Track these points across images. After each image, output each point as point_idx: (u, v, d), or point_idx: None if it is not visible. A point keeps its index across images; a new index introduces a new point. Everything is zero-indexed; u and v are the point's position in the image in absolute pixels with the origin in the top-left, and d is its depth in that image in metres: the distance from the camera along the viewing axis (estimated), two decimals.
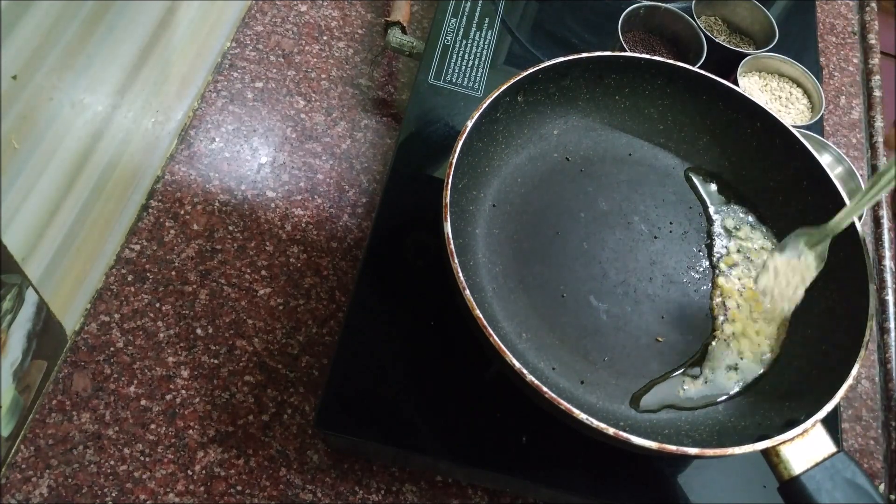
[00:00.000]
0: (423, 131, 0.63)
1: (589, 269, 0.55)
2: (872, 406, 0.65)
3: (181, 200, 0.64)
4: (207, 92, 0.70)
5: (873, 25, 0.92)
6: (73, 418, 0.53)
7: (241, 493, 0.52)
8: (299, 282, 0.61)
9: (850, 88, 0.86)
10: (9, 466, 0.51)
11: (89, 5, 0.47)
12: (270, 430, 0.55)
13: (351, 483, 0.54)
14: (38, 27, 0.42)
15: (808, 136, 0.65)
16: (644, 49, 0.72)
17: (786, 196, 0.59)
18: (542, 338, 0.52)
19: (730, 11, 0.78)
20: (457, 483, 0.55)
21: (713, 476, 0.52)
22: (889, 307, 0.70)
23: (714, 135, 0.61)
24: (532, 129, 0.59)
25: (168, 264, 0.60)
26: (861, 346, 0.48)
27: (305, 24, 0.77)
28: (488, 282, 0.53)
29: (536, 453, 0.51)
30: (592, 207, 0.58)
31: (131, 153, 0.59)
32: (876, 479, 0.62)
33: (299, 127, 0.70)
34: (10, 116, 0.42)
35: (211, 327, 0.58)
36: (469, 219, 0.54)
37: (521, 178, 0.58)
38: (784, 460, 0.44)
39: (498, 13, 0.72)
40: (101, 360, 0.56)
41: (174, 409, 0.55)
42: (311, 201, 0.66)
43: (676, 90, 0.60)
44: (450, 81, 0.66)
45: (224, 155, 0.67)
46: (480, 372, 0.52)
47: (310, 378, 0.57)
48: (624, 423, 0.49)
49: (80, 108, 0.49)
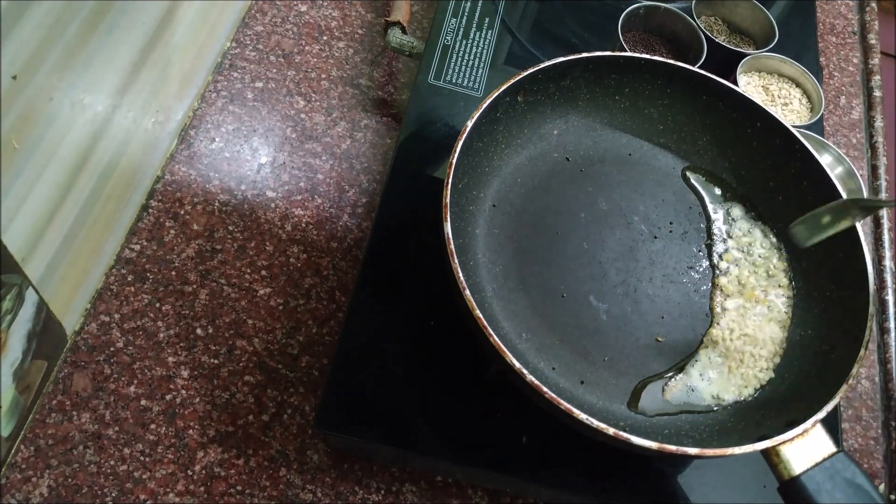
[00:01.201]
0: (423, 131, 0.63)
1: (589, 269, 0.55)
2: (872, 406, 0.65)
3: (181, 200, 0.64)
4: (207, 92, 0.70)
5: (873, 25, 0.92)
6: (73, 418, 0.53)
7: (241, 493, 0.52)
8: (299, 282, 0.61)
9: (850, 88, 0.86)
10: (9, 466, 0.51)
11: (89, 5, 0.47)
12: (270, 430, 0.55)
13: (351, 483, 0.54)
14: (38, 27, 0.42)
15: (808, 136, 0.65)
16: (644, 49, 0.72)
17: (786, 196, 0.58)
18: (542, 338, 0.52)
19: (730, 11, 0.78)
20: (457, 483, 0.55)
21: (713, 476, 0.52)
22: (889, 307, 0.70)
23: (714, 135, 0.61)
24: (532, 129, 0.59)
25: (168, 264, 0.60)
26: (861, 346, 0.48)
27: (305, 24, 0.77)
28: (488, 282, 0.53)
29: (536, 453, 0.51)
30: (592, 207, 0.58)
31: (131, 153, 0.59)
32: (876, 479, 0.62)
33: (299, 127, 0.70)
34: (10, 116, 0.42)
35: (211, 327, 0.58)
36: (469, 219, 0.54)
37: (521, 178, 0.58)
38: (784, 460, 0.44)
39: (498, 13, 0.72)
40: (101, 360, 0.56)
41: (174, 409, 0.55)
42: (311, 201, 0.66)
43: (676, 90, 0.60)
44: (450, 81, 0.66)
45: (224, 155, 0.67)
46: (480, 372, 0.52)
47: (310, 378, 0.57)
48: (624, 423, 0.49)
49: (80, 108, 0.49)
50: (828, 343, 0.52)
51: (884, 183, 0.79)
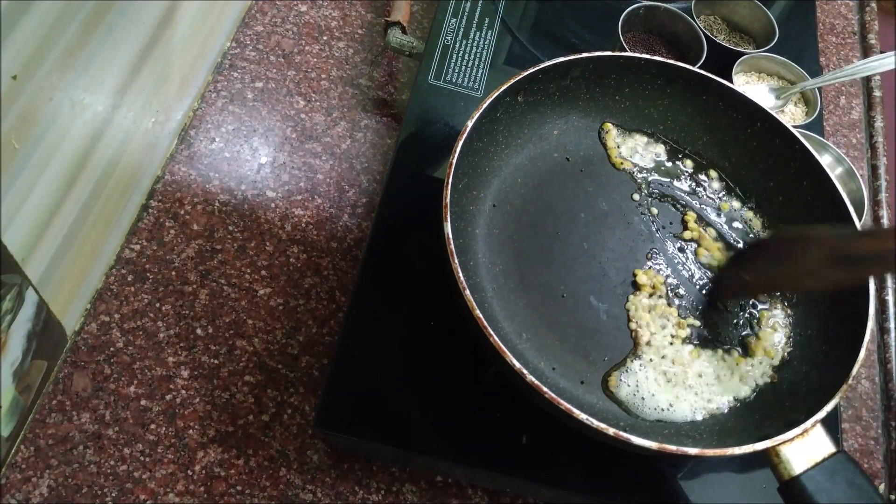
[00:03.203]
0: (423, 131, 0.63)
1: (589, 269, 0.55)
2: (872, 406, 0.65)
3: (181, 200, 0.64)
4: (207, 92, 0.70)
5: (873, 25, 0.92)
6: (73, 418, 0.53)
7: (241, 493, 0.52)
8: (299, 282, 0.61)
9: (850, 88, 0.86)
10: (9, 466, 0.51)
11: (89, 5, 0.47)
12: (270, 430, 0.55)
13: (351, 483, 0.54)
14: (38, 27, 0.42)
15: (808, 136, 0.65)
16: (644, 49, 0.72)
17: (786, 196, 0.59)
18: (542, 338, 0.52)
19: (730, 11, 0.78)
20: (457, 483, 0.55)
21: (713, 476, 0.52)
22: (889, 307, 0.70)
23: (714, 135, 0.61)
24: (532, 129, 0.59)
25: (168, 264, 0.60)
26: (861, 346, 0.48)
27: (305, 24, 0.77)
28: (488, 282, 0.53)
29: (536, 453, 0.51)
30: (592, 207, 0.58)
31: (131, 153, 0.59)
32: (876, 479, 0.62)
33: (299, 127, 0.70)
34: (10, 116, 0.42)
35: (211, 327, 0.58)
36: (469, 219, 0.54)
37: (521, 178, 0.58)
38: (784, 460, 0.44)
39: (498, 13, 0.72)
40: (101, 360, 0.56)
41: (174, 409, 0.55)
42: (311, 201, 0.66)
43: (676, 90, 0.60)
44: (450, 81, 0.66)
45: (224, 155, 0.67)
46: (480, 372, 0.52)
47: (310, 378, 0.57)
48: (624, 423, 0.49)
49: (80, 108, 0.49)
50: (828, 343, 0.52)
51: (884, 183, 0.79)
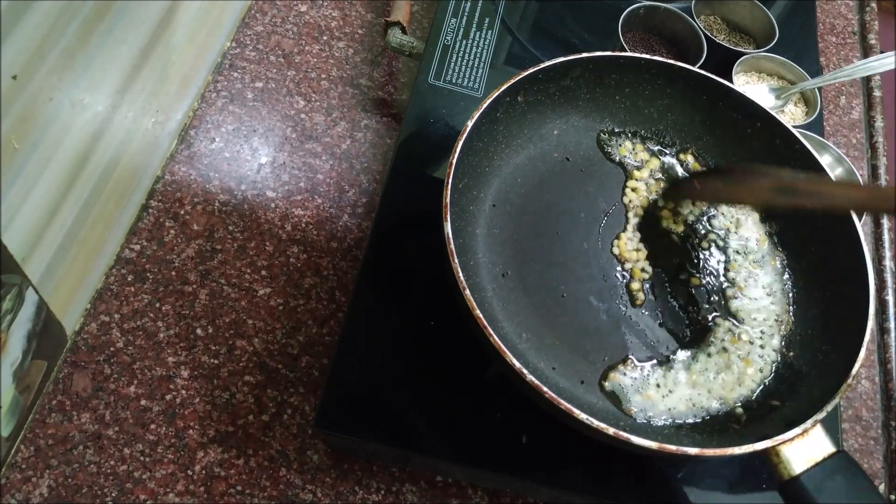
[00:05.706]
0: (423, 131, 0.63)
1: (589, 269, 0.55)
2: (872, 406, 0.65)
3: (181, 200, 0.64)
4: (207, 92, 0.70)
5: (873, 25, 0.92)
6: (73, 418, 0.53)
7: (241, 493, 0.52)
8: (299, 282, 0.61)
9: (850, 88, 0.86)
10: (9, 466, 0.51)
11: (89, 5, 0.47)
12: (270, 430, 0.55)
13: (351, 483, 0.54)
14: (38, 27, 0.42)
15: (808, 136, 0.65)
16: (644, 49, 0.72)
17: None
18: (542, 338, 0.52)
19: (729, 10, 0.78)
20: (457, 483, 0.55)
21: (713, 476, 0.52)
22: (889, 307, 0.70)
23: (714, 135, 0.61)
24: (532, 129, 0.59)
25: (168, 264, 0.60)
26: (861, 346, 0.48)
27: (305, 24, 0.77)
28: (488, 282, 0.53)
29: (536, 453, 0.50)
30: (592, 207, 0.58)
31: (131, 153, 0.59)
32: (876, 479, 0.62)
33: (299, 127, 0.70)
34: (10, 116, 0.42)
35: (211, 327, 0.58)
36: (469, 219, 0.54)
37: (521, 178, 0.58)
38: (784, 460, 0.44)
39: (498, 13, 0.72)
40: (101, 360, 0.56)
41: (174, 409, 0.55)
42: (311, 201, 0.66)
43: (676, 90, 0.60)
44: (450, 81, 0.66)
45: (224, 155, 0.67)
46: (480, 372, 0.52)
47: (310, 378, 0.57)
48: (624, 423, 0.49)
49: (80, 108, 0.49)
50: (828, 343, 0.52)
51: (884, 183, 0.79)
